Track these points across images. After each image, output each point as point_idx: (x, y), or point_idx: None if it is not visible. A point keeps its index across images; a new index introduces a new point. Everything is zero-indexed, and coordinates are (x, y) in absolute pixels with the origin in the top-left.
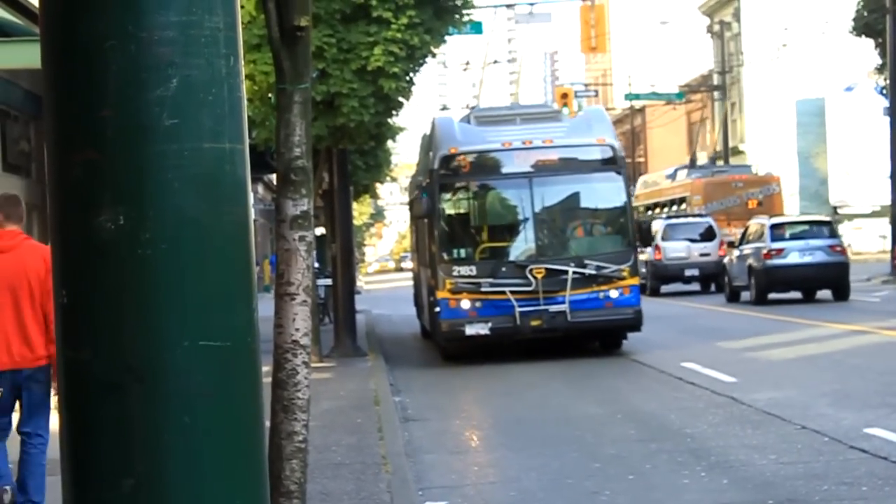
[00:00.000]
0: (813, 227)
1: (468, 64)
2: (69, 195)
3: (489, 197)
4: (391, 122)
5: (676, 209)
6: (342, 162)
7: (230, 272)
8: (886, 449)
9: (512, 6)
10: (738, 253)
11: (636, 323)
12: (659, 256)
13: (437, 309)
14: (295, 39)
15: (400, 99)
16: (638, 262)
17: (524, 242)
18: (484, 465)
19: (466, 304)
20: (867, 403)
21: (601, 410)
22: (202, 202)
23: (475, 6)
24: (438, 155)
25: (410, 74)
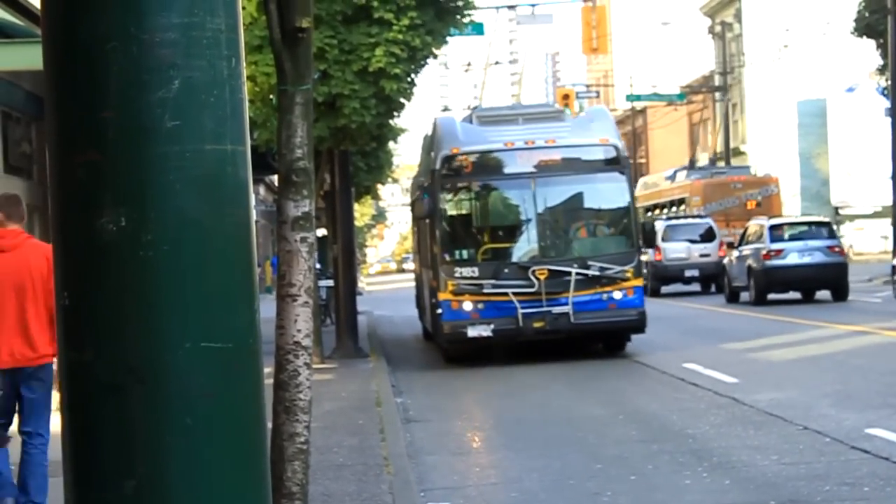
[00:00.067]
0: (812, 227)
1: (469, 65)
2: (71, 197)
3: (491, 197)
4: (392, 123)
5: (676, 210)
6: (344, 163)
7: (232, 273)
8: (888, 449)
9: (513, 7)
10: (737, 254)
11: (640, 324)
12: (659, 257)
13: (439, 310)
14: (296, 41)
15: (401, 100)
16: (642, 263)
17: (527, 243)
18: (486, 466)
19: (468, 305)
20: (869, 404)
21: (603, 411)
22: (204, 204)
23: (476, 7)
24: (440, 155)
25: (412, 75)
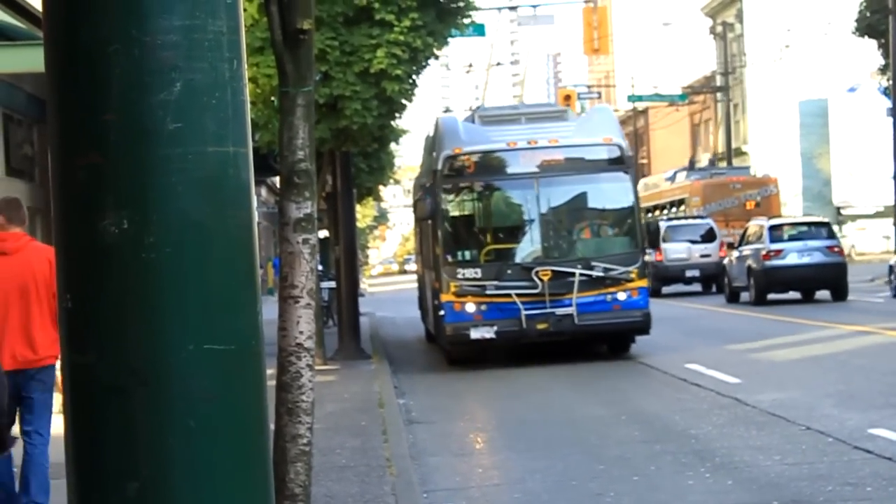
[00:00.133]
0: (811, 228)
1: (471, 66)
2: (73, 199)
3: (494, 198)
4: (394, 124)
5: (676, 211)
6: (345, 164)
7: (234, 275)
8: (891, 449)
9: (515, 8)
10: (737, 254)
11: (644, 326)
12: (660, 258)
13: (441, 312)
14: (298, 42)
15: (403, 101)
16: (646, 263)
17: (530, 244)
18: (488, 467)
19: (471, 307)
20: (872, 404)
21: (605, 412)
22: (206, 206)
23: (477, 8)
24: (442, 155)
25: (413, 77)
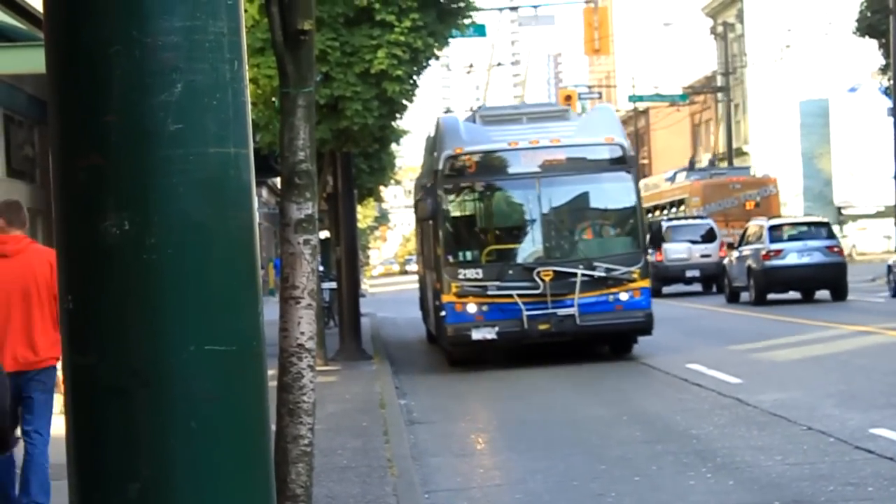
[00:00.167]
0: (811, 228)
1: (472, 67)
2: (74, 200)
3: (495, 198)
4: (395, 125)
5: (676, 211)
6: (346, 165)
7: (235, 276)
8: (892, 449)
9: (515, 9)
10: (737, 254)
11: (647, 326)
12: (660, 258)
13: (442, 313)
14: (298, 43)
15: (403, 102)
16: (648, 263)
17: (531, 244)
18: (490, 467)
19: (473, 307)
20: (873, 404)
21: (606, 412)
22: (207, 207)
23: (478, 9)
24: (443, 155)
25: (414, 77)
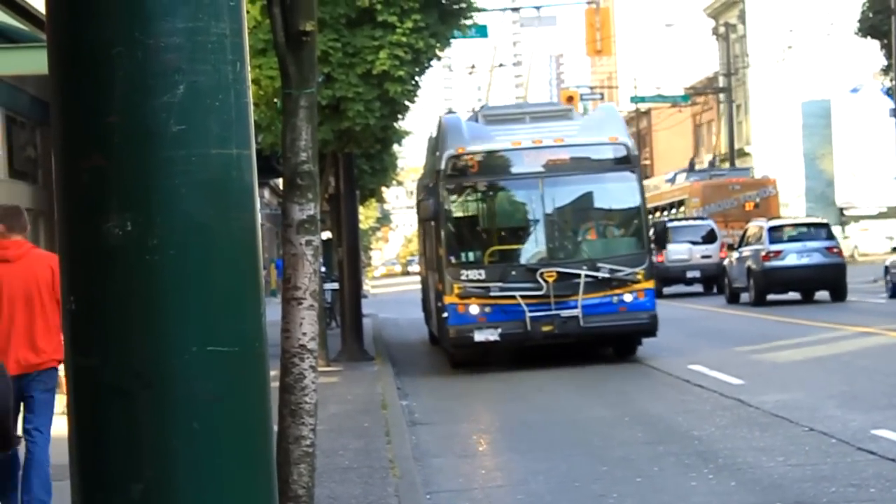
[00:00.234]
0: (810, 229)
1: (473, 67)
2: (77, 201)
3: (498, 198)
4: (397, 125)
5: (676, 212)
6: (348, 166)
7: (238, 277)
8: (894, 451)
9: (517, 10)
10: (737, 255)
11: (651, 328)
12: (661, 259)
13: (444, 314)
14: (300, 44)
15: (405, 102)
16: (653, 264)
17: (535, 245)
18: (491, 468)
19: (475, 309)
20: (875, 405)
21: (608, 413)
22: (210, 208)
23: (479, 9)
24: (445, 155)
25: (416, 78)
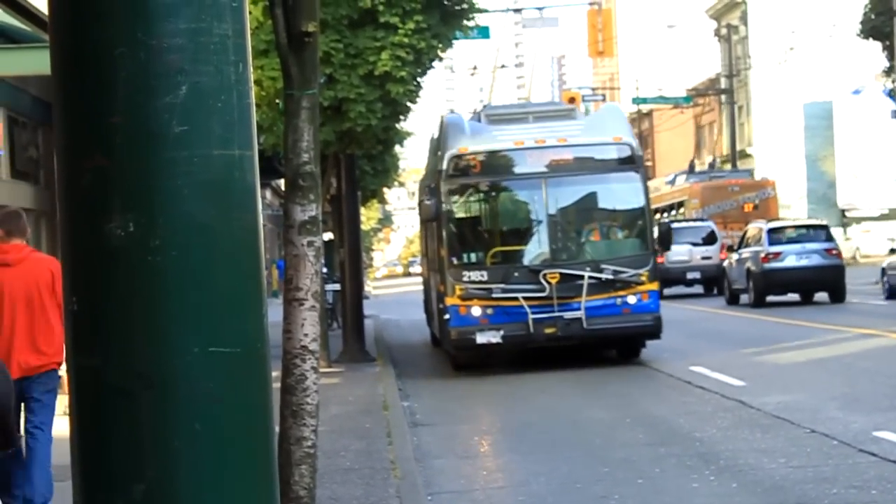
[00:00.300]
0: (809, 230)
1: (475, 69)
2: (79, 202)
3: (501, 198)
4: (399, 126)
5: (675, 213)
6: (350, 167)
7: (240, 278)
8: None
9: (519, 11)
10: (736, 256)
11: (655, 330)
12: (661, 260)
13: (446, 316)
14: (302, 45)
15: (407, 103)
16: (657, 266)
17: (537, 246)
18: (493, 469)
19: (477, 310)
20: (877, 407)
21: (610, 415)
22: (212, 208)
23: (481, 10)
24: (447, 154)
25: (418, 79)
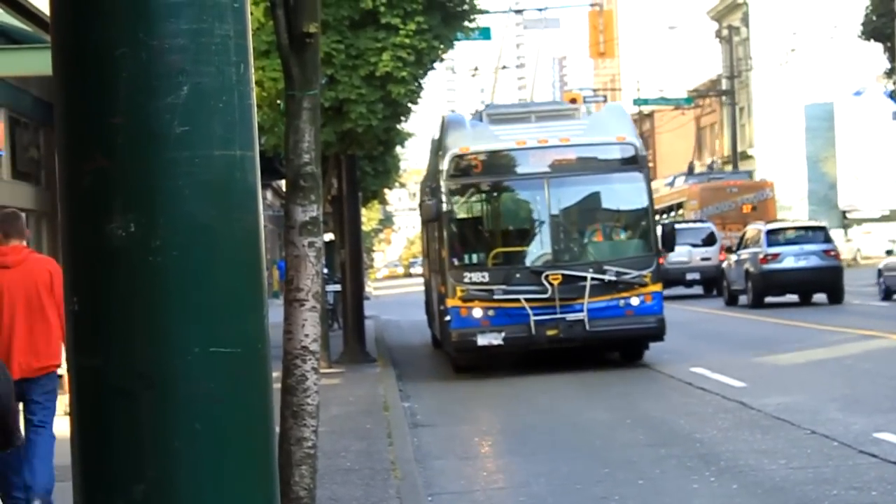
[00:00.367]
0: (808, 232)
1: (477, 69)
2: (80, 202)
3: (502, 199)
4: (400, 127)
5: (674, 215)
6: (351, 168)
7: (241, 278)
8: None
9: (521, 12)
10: (735, 258)
11: (659, 332)
12: (661, 261)
13: (447, 317)
14: (304, 46)
15: (408, 104)
16: (660, 267)
17: (540, 247)
18: (493, 470)
19: (478, 312)
20: (877, 408)
21: (610, 416)
22: (213, 209)
23: (483, 11)
24: (448, 154)
25: (419, 80)
